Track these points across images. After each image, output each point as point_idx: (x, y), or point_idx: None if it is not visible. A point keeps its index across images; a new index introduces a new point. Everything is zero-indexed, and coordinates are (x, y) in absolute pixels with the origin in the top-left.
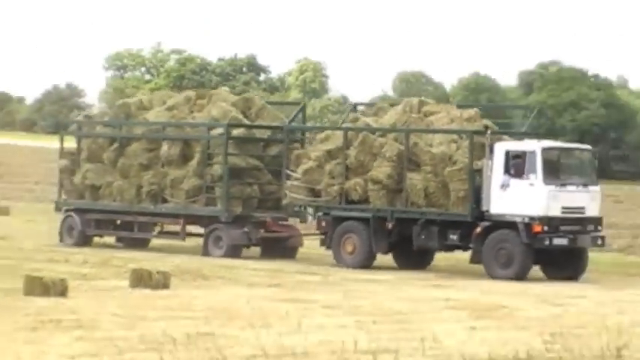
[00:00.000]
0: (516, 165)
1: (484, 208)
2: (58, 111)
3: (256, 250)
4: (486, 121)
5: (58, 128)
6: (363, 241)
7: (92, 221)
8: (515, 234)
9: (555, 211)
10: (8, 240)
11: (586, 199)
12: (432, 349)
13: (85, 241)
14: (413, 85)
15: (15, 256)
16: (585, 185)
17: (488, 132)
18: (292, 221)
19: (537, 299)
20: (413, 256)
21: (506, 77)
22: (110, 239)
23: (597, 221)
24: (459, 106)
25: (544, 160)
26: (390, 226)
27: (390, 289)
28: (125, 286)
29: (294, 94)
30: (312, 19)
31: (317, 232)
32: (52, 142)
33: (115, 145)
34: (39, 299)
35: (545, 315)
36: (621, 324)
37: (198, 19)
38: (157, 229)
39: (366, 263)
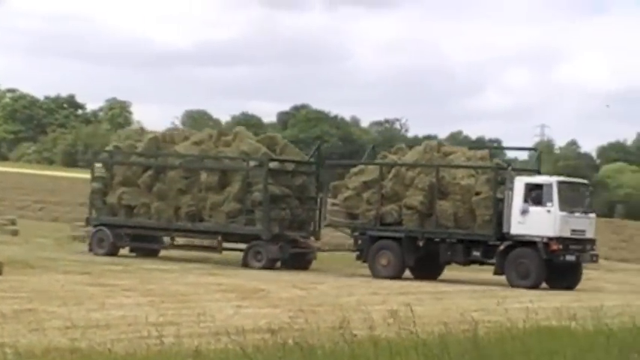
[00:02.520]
0: (536, 195)
1: (505, 230)
2: None
3: (71, 244)
4: (497, 160)
5: None
6: (396, 255)
7: (124, 235)
8: (532, 251)
9: (566, 233)
10: None
11: (586, 223)
12: (207, 322)
13: (114, 251)
14: (197, 120)
15: None
16: (586, 212)
17: (509, 168)
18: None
19: (287, 284)
20: (427, 268)
21: (268, 116)
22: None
23: (593, 242)
24: (471, 148)
25: (559, 192)
26: (420, 243)
27: (176, 277)
28: None
29: (105, 126)
30: (122, 67)
31: (326, 248)
32: None
33: (150, 172)
34: None
35: (292, 296)
36: (349, 303)
37: (29, 62)
38: (168, 241)
39: (398, 274)
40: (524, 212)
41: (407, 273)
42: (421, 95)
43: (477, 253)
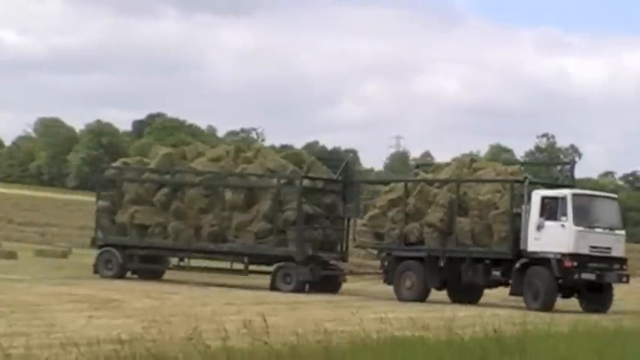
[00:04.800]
0: (550, 209)
1: (522, 247)
2: None
3: None
4: (526, 174)
5: None
6: (419, 277)
7: (135, 256)
8: (544, 269)
9: (584, 250)
10: None
11: (612, 240)
12: (57, 333)
13: (122, 273)
14: (50, 127)
15: None
16: (612, 229)
17: (527, 181)
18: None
19: (142, 294)
20: (465, 292)
21: (124, 124)
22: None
23: (622, 261)
24: (504, 163)
25: (574, 205)
26: (441, 264)
27: (27, 287)
28: None
29: None
30: None
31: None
32: None
33: (165, 189)
34: None
35: (146, 306)
36: (203, 313)
37: None
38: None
39: (422, 297)
40: (539, 227)
41: (437, 296)
42: (278, 105)
43: (496, 273)
